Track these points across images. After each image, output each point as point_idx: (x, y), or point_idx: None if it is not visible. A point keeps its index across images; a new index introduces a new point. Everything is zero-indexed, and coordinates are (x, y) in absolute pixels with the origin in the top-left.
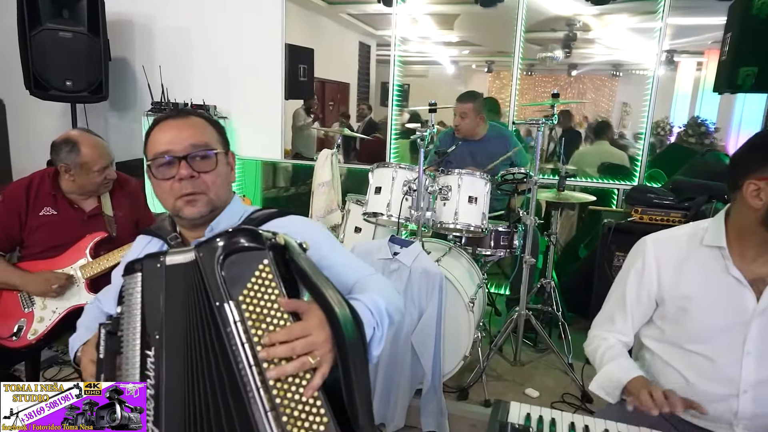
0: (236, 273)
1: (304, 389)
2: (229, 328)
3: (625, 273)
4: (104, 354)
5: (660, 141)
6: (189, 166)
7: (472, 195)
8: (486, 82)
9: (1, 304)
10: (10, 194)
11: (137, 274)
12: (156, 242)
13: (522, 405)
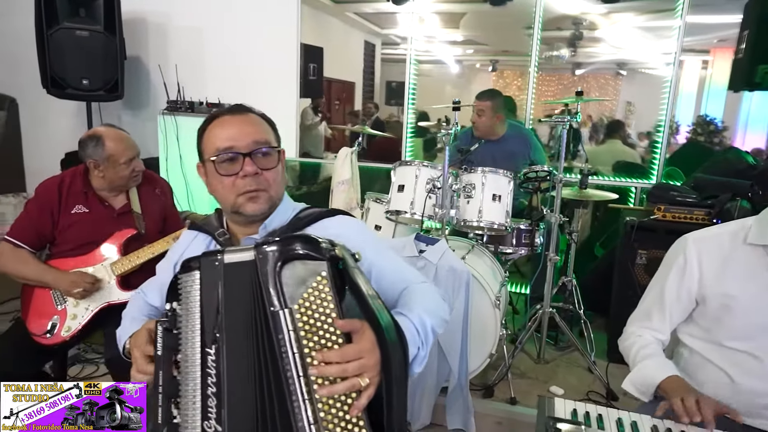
0: (293, 280)
1: (349, 408)
2: (281, 335)
3: (664, 271)
4: (161, 350)
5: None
6: (253, 162)
7: (496, 193)
8: (490, 81)
9: (34, 302)
10: (42, 192)
11: (195, 272)
12: (202, 237)
13: (566, 401)
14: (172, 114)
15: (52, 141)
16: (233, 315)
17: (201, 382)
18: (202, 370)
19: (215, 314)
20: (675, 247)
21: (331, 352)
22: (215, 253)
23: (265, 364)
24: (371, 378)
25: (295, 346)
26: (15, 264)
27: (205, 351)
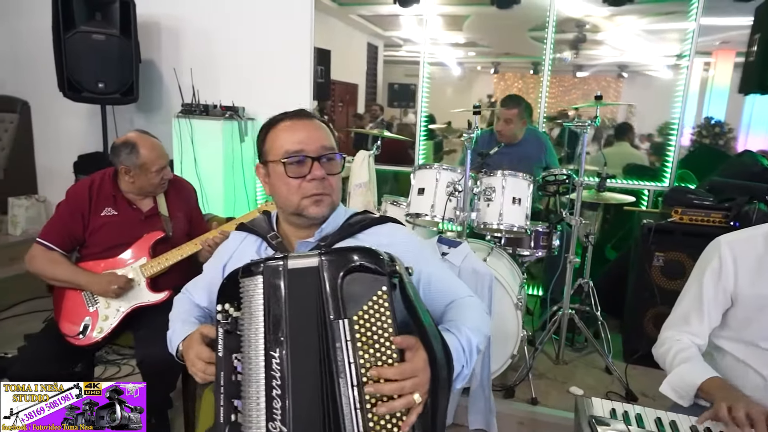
0: (354, 292)
1: (402, 423)
2: (339, 343)
3: (699, 273)
4: (222, 352)
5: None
6: (321, 167)
7: (515, 196)
8: (491, 84)
9: (66, 303)
10: (73, 195)
11: (258, 276)
12: (252, 239)
13: (603, 401)
14: (186, 117)
15: (64, 143)
16: (297, 320)
17: (265, 384)
18: (267, 373)
19: (279, 319)
20: (708, 249)
21: (389, 370)
22: (278, 258)
23: (320, 370)
24: (423, 395)
25: (351, 356)
26: (48, 266)
27: (269, 354)
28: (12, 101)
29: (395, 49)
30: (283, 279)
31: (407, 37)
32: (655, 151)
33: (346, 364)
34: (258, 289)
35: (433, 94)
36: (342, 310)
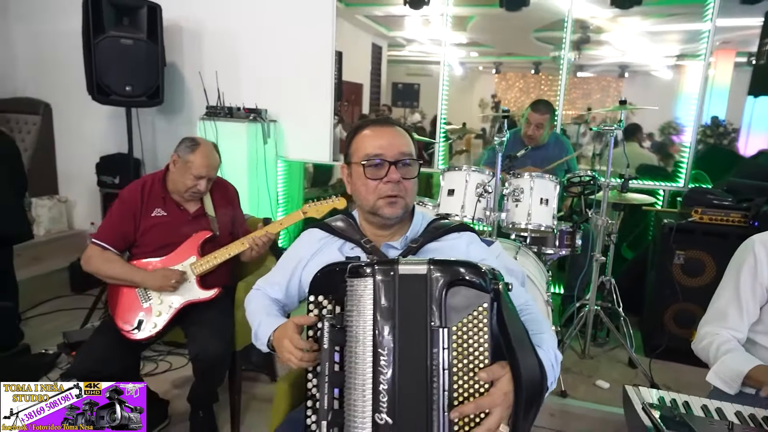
0: (456, 303)
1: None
2: (436, 349)
3: (735, 270)
4: (328, 345)
5: (670, 141)
6: (397, 171)
7: (543, 197)
8: (492, 83)
9: (121, 300)
10: (127, 197)
11: (368, 278)
12: (333, 240)
13: (650, 390)
14: (211, 119)
15: (85, 145)
16: (404, 321)
17: (373, 377)
18: (374, 368)
19: (389, 319)
20: (742, 248)
21: (467, 407)
22: (389, 262)
23: (416, 370)
24: (506, 422)
25: (446, 362)
26: (104, 265)
27: (377, 351)
28: (34, 103)
29: (399, 49)
30: (395, 283)
31: (411, 38)
32: (657, 150)
33: (440, 370)
34: (368, 290)
35: (434, 92)
36: (444, 318)
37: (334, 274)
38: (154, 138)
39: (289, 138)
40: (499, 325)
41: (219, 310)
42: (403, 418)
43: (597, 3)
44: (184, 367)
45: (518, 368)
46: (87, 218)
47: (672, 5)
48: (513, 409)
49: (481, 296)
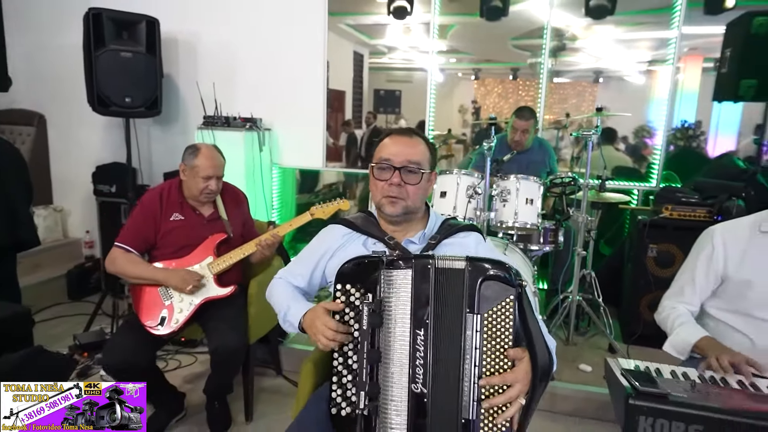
0: (488, 295)
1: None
2: (469, 332)
3: (694, 256)
4: (367, 326)
5: (644, 144)
6: (400, 176)
7: (528, 197)
8: (471, 89)
9: (144, 298)
10: (147, 202)
11: (407, 270)
12: (356, 236)
13: (627, 360)
14: (209, 128)
15: (80, 155)
16: (439, 308)
17: (410, 353)
18: (412, 346)
19: (425, 305)
20: (704, 236)
21: (495, 378)
22: (426, 257)
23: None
24: (524, 396)
25: (477, 343)
26: (128, 266)
27: (415, 332)
28: (29, 115)
29: (380, 56)
30: (432, 274)
31: (393, 45)
32: (631, 153)
33: (472, 349)
34: (407, 280)
35: (415, 98)
36: (477, 307)
37: (363, 266)
38: (149, 147)
39: (283, 145)
40: (520, 315)
41: (235, 306)
42: (436, 388)
43: (572, 12)
44: (192, 364)
45: (535, 352)
46: (82, 227)
47: (641, 14)
48: (531, 385)
49: (509, 290)
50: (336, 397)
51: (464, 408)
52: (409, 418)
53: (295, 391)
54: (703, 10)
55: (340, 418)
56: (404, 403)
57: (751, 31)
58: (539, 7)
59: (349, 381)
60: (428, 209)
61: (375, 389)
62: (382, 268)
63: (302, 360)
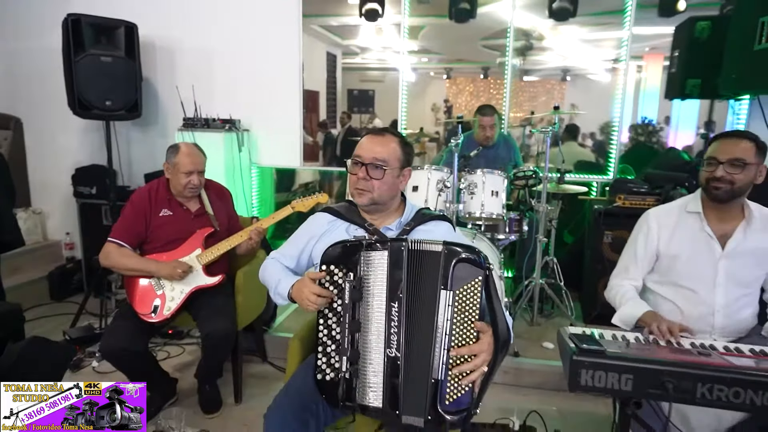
0: (459, 275)
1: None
2: (442, 306)
3: (634, 237)
4: (349, 300)
5: (610, 139)
6: (366, 171)
7: (494, 189)
8: (443, 88)
9: (138, 288)
10: (137, 200)
11: (384, 251)
12: (340, 223)
13: (576, 328)
14: (189, 130)
15: (58, 158)
16: (411, 284)
17: (386, 323)
18: (387, 316)
19: (399, 282)
20: (641, 219)
21: (465, 349)
22: (400, 241)
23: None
24: (486, 365)
25: (449, 315)
26: (121, 259)
27: (390, 305)
28: (5, 118)
29: (352, 57)
30: (405, 255)
31: (365, 45)
32: (597, 149)
33: (444, 321)
34: (383, 260)
35: (387, 97)
36: (450, 284)
37: (345, 249)
38: (129, 149)
39: (261, 145)
40: (486, 294)
41: (223, 295)
42: (408, 352)
43: (537, 14)
44: (181, 355)
45: (497, 326)
46: (62, 229)
47: (601, 16)
48: (493, 354)
49: (478, 271)
50: (321, 365)
51: (435, 370)
52: (384, 378)
53: (280, 376)
54: (657, 12)
55: (325, 383)
56: (381, 366)
57: (694, 34)
58: (506, 8)
59: (332, 350)
60: (405, 200)
61: (355, 355)
62: (362, 250)
63: (286, 346)
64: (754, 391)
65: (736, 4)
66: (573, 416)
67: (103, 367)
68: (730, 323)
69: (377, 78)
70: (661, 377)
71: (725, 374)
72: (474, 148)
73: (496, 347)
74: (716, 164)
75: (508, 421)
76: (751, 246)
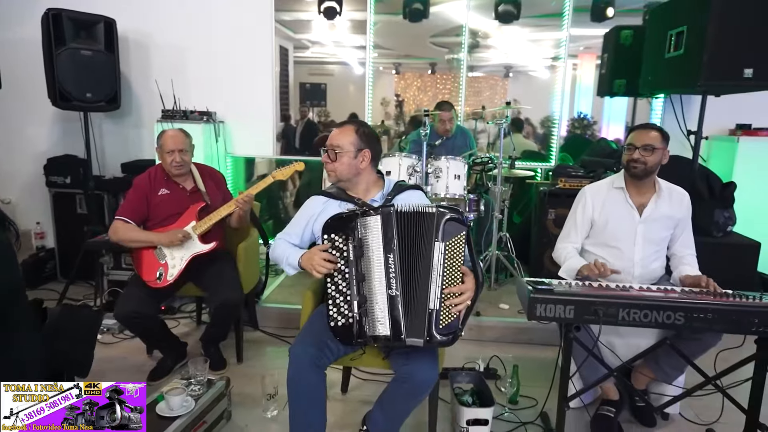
0: (449, 231)
1: (456, 308)
2: (437, 254)
3: (574, 209)
4: (353, 257)
5: (550, 132)
6: (327, 155)
7: (456, 173)
8: (392, 82)
9: (144, 259)
10: (138, 182)
11: (377, 216)
12: (332, 201)
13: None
14: (168, 121)
15: (26, 148)
16: (402, 238)
17: (384, 269)
18: (385, 264)
19: (392, 237)
20: (579, 194)
21: (455, 287)
22: (389, 206)
23: (421, 266)
24: (470, 300)
25: (441, 260)
26: (128, 233)
27: (386, 256)
28: None
29: (304, 51)
30: (394, 217)
31: (317, 40)
32: (540, 141)
33: (438, 265)
34: (377, 222)
35: (338, 91)
36: (442, 237)
37: (342, 219)
38: (102, 140)
39: (235, 136)
40: (468, 246)
41: (228, 268)
42: (404, 290)
43: (484, 15)
44: (177, 327)
45: (476, 270)
46: (32, 218)
47: (541, 18)
48: (474, 292)
49: (463, 228)
50: (333, 314)
51: (431, 302)
52: (389, 312)
53: (273, 341)
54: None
55: (338, 328)
56: (385, 303)
57: (619, 41)
58: (456, 8)
59: (341, 301)
60: (383, 177)
61: (363, 299)
62: (358, 217)
63: (276, 316)
64: (658, 312)
65: (650, 18)
66: (525, 360)
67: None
68: (645, 272)
69: (328, 72)
70: (594, 306)
71: (639, 301)
72: (435, 139)
73: (476, 286)
74: (634, 149)
75: (475, 364)
76: (660, 213)
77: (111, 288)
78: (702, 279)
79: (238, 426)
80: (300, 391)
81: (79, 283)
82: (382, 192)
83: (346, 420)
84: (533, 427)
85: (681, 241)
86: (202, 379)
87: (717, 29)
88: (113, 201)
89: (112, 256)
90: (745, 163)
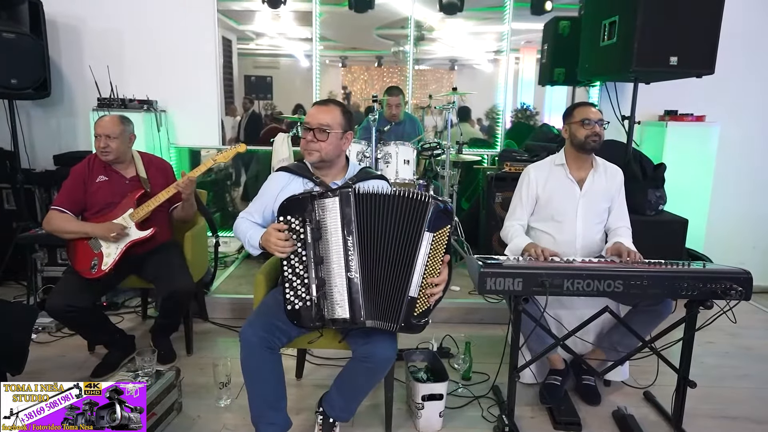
0: (437, 223)
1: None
2: (424, 243)
3: (519, 187)
4: (311, 240)
5: (495, 122)
6: (313, 134)
7: (406, 158)
8: (339, 75)
9: (78, 249)
10: (76, 169)
11: (335, 198)
12: (295, 178)
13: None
14: (105, 110)
15: None
16: (361, 220)
17: (343, 251)
18: (344, 246)
19: (351, 219)
20: (523, 173)
21: (436, 278)
22: (346, 187)
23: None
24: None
25: (426, 251)
26: (63, 224)
27: (345, 237)
28: None
29: (248, 42)
30: (353, 199)
31: (261, 31)
32: (487, 131)
33: (421, 255)
34: (335, 204)
35: (283, 83)
36: (432, 227)
37: (296, 201)
38: (30, 131)
39: (179, 126)
40: (449, 239)
41: (175, 256)
42: (365, 273)
43: (429, 7)
44: (121, 322)
45: (450, 263)
46: None
47: (485, 11)
48: (448, 280)
49: (449, 221)
50: (289, 297)
51: (412, 290)
52: (348, 294)
53: (223, 332)
54: (530, 11)
55: (295, 311)
56: (344, 286)
57: (558, 31)
58: (401, 0)
59: (298, 284)
60: (348, 161)
61: (321, 282)
62: (315, 200)
63: (225, 307)
64: (599, 281)
65: (586, 7)
66: (477, 339)
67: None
68: (588, 244)
69: (272, 65)
70: (540, 278)
71: (582, 272)
72: (384, 125)
73: (449, 278)
74: (592, 123)
75: (429, 344)
76: (598, 187)
77: (46, 285)
78: (622, 250)
79: (190, 417)
80: (254, 371)
81: (9, 284)
82: (345, 176)
83: (301, 404)
84: (486, 400)
85: (615, 214)
86: (150, 371)
87: (645, 19)
88: (46, 196)
89: (47, 252)
90: (673, 147)
